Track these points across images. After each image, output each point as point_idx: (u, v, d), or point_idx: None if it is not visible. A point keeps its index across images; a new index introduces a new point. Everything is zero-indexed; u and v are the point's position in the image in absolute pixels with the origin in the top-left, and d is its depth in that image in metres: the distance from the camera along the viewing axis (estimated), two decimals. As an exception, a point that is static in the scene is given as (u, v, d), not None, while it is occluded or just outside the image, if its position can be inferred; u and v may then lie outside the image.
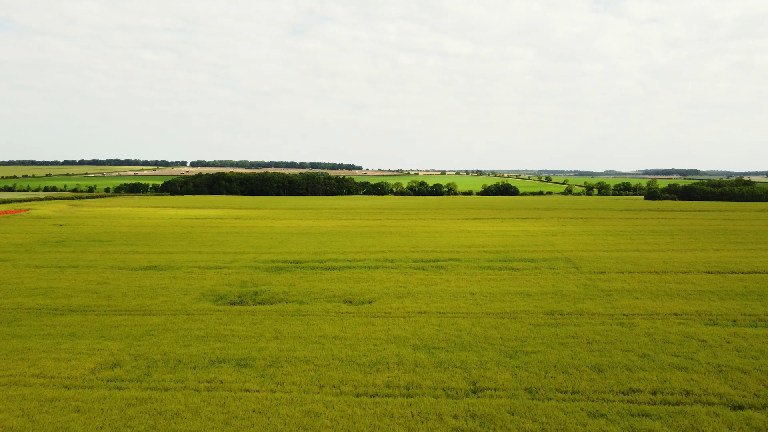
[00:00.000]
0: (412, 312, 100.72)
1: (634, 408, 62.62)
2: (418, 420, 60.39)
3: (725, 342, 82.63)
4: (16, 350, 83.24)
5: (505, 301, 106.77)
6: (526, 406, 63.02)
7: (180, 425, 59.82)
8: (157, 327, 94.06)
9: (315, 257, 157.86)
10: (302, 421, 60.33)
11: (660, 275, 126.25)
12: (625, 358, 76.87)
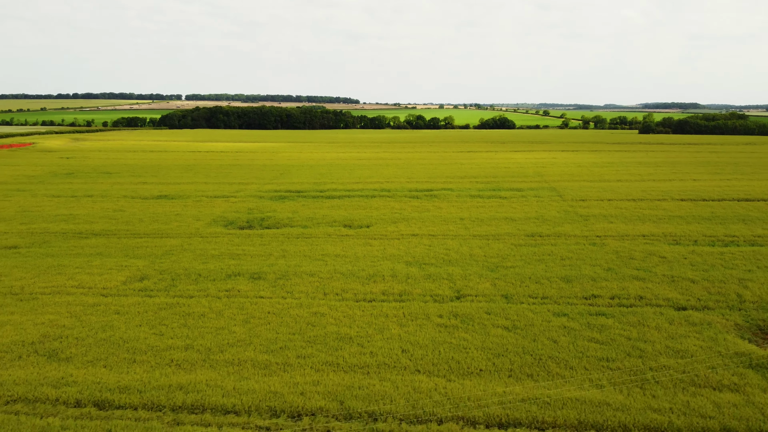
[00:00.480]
0: (405, 234, 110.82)
1: (593, 309, 73.51)
2: (409, 318, 71.22)
3: (683, 258, 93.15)
4: (53, 266, 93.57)
5: (491, 225, 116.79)
6: (501, 308, 73.84)
7: (207, 323, 70.64)
8: (176, 248, 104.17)
9: (315, 187, 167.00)
10: (310, 319, 71.13)
11: (636, 202, 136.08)
12: (591, 271, 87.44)
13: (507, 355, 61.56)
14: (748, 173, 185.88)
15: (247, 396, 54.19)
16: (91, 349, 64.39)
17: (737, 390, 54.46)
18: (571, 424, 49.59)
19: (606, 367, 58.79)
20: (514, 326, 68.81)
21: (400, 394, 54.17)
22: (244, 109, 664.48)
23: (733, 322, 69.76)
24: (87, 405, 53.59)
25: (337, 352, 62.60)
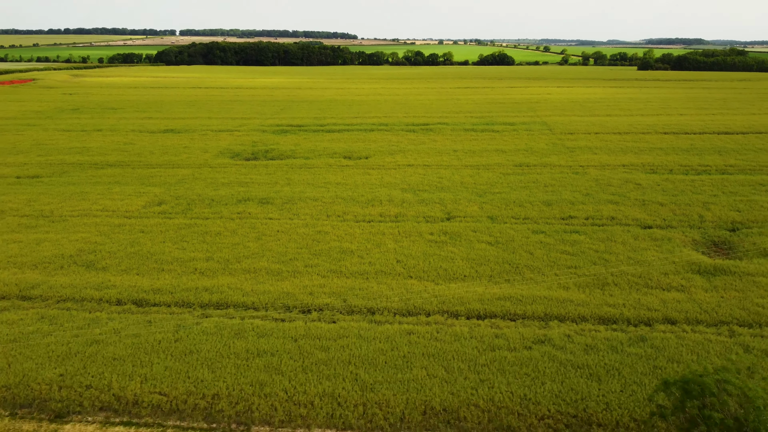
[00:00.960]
0: (402, 165, 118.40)
1: (568, 227, 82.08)
2: (403, 236, 79.84)
3: (656, 185, 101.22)
4: (76, 193, 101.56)
5: (483, 156, 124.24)
6: (486, 227, 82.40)
7: (223, 240, 79.27)
8: (187, 177, 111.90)
9: (316, 122, 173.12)
10: (315, 236, 79.73)
11: (621, 135, 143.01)
12: (571, 196, 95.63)
13: (488, 264, 70.47)
14: (733, 108, 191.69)
15: (264, 296, 63.27)
16: (123, 260, 73.22)
17: (683, 290, 63.60)
18: (538, 316, 58.86)
19: (573, 273, 67.78)
20: (497, 241, 77.53)
21: (395, 294, 63.27)
22: (241, 45, 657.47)
23: (691, 238, 78.52)
24: (127, 303, 62.72)
25: (340, 262, 71.46)
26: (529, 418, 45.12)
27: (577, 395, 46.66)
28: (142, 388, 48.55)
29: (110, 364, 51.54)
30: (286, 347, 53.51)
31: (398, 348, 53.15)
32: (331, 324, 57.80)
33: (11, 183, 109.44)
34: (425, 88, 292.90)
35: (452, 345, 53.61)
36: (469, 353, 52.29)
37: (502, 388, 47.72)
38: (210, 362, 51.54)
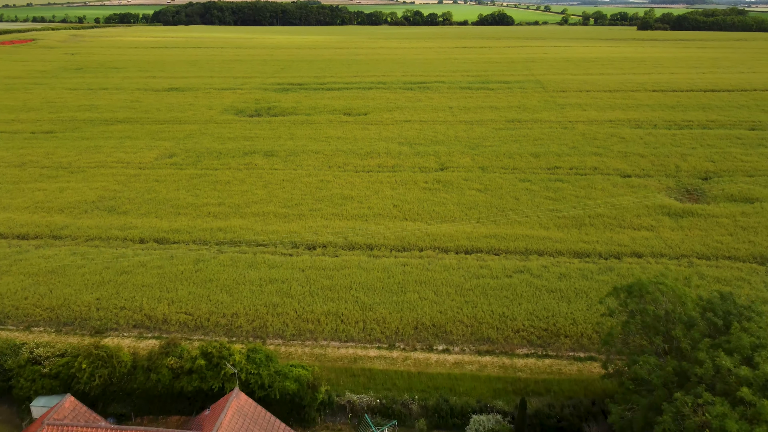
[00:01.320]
0: (399, 120, 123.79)
1: (553, 176, 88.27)
2: (400, 184, 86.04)
3: (639, 138, 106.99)
4: (90, 147, 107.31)
5: (477, 113, 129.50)
6: (476, 176, 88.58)
7: (233, 187, 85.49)
8: (195, 132, 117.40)
9: (316, 81, 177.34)
10: (319, 185, 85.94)
11: (612, 93, 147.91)
12: (558, 149, 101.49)
13: (477, 208, 76.91)
14: (723, 67, 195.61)
15: (272, 235, 69.86)
16: (141, 206, 79.57)
17: (652, 229, 70.21)
18: (520, 251, 65.55)
19: (554, 216, 74.27)
20: (486, 189, 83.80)
21: (391, 233, 69.85)
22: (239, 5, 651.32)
23: (666, 186, 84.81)
24: (149, 241, 69.31)
25: (341, 207, 77.86)
26: (506, 331, 52.17)
27: (549, 313, 53.67)
28: (170, 309, 55.48)
29: (140, 290, 58.41)
30: (294, 276, 60.33)
31: (394, 276, 59.99)
32: (334, 258, 64.55)
33: (27, 138, 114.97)
34: (423, 47, 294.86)
35: (442, 274, 60.44)
36: (456, 281, 59.14)
37: (484, 307, 54.69)
38: (228, 288, 58.40)
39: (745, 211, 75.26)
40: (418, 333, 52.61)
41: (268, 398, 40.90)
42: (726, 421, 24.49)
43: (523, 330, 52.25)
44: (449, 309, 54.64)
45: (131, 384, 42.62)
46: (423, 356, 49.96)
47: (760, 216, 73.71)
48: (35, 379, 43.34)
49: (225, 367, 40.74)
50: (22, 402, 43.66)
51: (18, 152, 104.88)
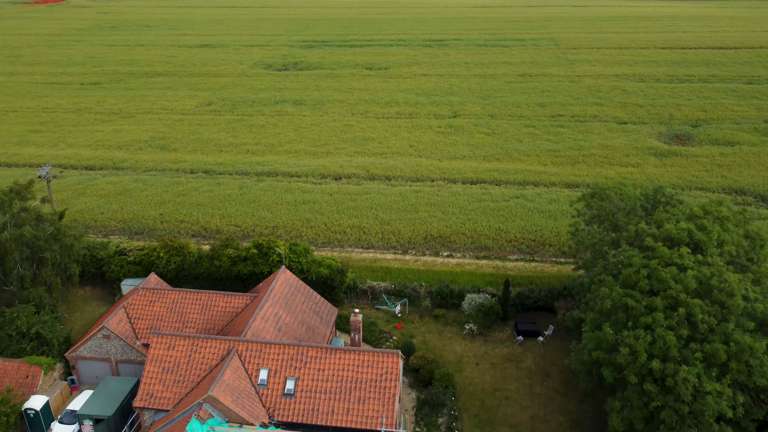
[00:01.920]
0: (417, 74, 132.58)
1: (556, 123, 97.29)
2: (416, 128, 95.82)
3: (640, 91, 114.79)
4: (136, 96, 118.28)
5: (490, 68, 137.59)
6: (485, 122, 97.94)
7: (267, 131, 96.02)
8: (229, 84, 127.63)
9: (339, 38, 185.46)
10: (343, 128, 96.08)
11: (621, 50, 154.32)
12: (563, 99, 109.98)
13: (484, 148, 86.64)
14: (736, 26, 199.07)
15: (303, 168, 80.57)
16: (188, 144, 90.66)
17: (637, 166, 79.48)
18: (518, 182, 75.49)
19: (552, 155, 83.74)
20: (493, 132, 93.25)
21: (407, 167, 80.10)
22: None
23: (658, 131, 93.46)
24: (198, 172, 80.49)
25: (363, 146, 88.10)
26: (500, 241, 62.59)
27: (537, 227, 63.91)
28: (221, 222, 66.76)
29: (195, 207, 69.75)
30: (324, 199, 71.15)
31: (408, 199, 70.51)
32: (357, 186, 75.16)
33: (77, 88, 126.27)
34: (443, 6, 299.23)
35: (449, 198, 70.78)
36: (461, 203, 69.47)
37: (483, 223, 65.08)
38: (268, 207, 69.46)
39: (725, 152, 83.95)
40: (427, 242, 63.24)
41: (306, 281, 51.90)
42: (633, 258, 34.58)
43: (514, 240, 62.62)
44: (454, 224, 65.11)
45: (198, 269, 53.98)
46: (430, 259, 60.74)
47: (737, 156, 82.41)
48: (122, 265, 54.93)
49: (273, 254, 51.84)
50: (112, 283, 55.38)
51: (72, 100, 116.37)
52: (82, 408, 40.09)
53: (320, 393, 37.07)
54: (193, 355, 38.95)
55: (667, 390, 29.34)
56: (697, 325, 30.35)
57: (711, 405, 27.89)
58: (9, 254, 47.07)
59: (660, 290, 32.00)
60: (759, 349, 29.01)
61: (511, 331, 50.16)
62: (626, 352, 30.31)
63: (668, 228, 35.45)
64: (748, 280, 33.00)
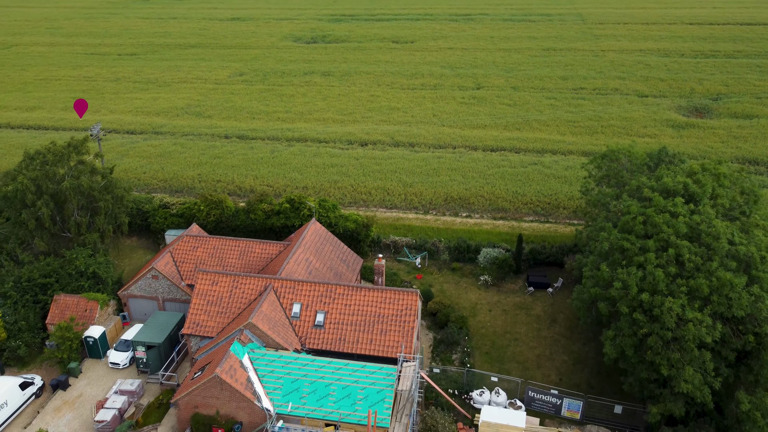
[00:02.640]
0: (443, 48, 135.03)
1: (577, 95, 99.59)
2: (440, 99, 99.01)
3: (663, 66, 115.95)
4: (171, 66, 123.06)
5: (515, 42, 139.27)
6: (508, 94, 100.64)
7: (296, 100, 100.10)
8: (259, 55, 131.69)
9: (366, 12, 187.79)
10: (369, 98, 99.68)
11: (648, 26, 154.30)
12: (585, 73, 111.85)
13: (505, 118, 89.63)
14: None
15: (331, 134, 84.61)
16: (222, 111, 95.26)
17: (654, 137, 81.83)
18: (536, 150, 78.59)
19: (571, 125, 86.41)
20: (515, 104, 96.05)
21: (430, 135, 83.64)
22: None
23: (677, 104, 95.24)
24: (232, 137, 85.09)
25: (389, 116, 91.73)
26: (517, 203, 66.13)
27: (552, 191, 67.25)
28: (255, 182, 71.35)
29: (230, 169, 74.43)
30: (350, 162, 75.24)
31: (430, 164, 74.23)
32: (382, 151, 79.05)
33: (115, 59, 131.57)
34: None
35: (469, 164, 74.32)
36: (480, 168, 72.98)
37: (501, 186, 68.60)
38: (298, 169, 73.82)
39: (742, 125, 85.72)
40: (447, 204, 67.06)
41: (334, 234, 56.19)
42: (631, 207, 38.02)
43: (530, 203, 66.10)
44: (473, 187, 68.77)
45: (235, 222, 58.66)
46: (450, 219, 64.62)
47: (754, 129, 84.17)
48: (166, 217, 59.87)
49: (304, 208, 56.22)
50: (157, 233, 60.43)
51: (111, 70, 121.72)
52: (136, 335, 45.21)
53: (347, 325, 41.51)
54: (233, 291, 43.66)
55: (653, 319, 32.97)
56: (684, 264, 33.82)
57: (691, 331, 31.47)
58: (68, 202, 52.13)
59: (653, 234, 35.47)
60: (739, 285, 32.38)
61: (523, 283, 53.99)
62: (619, 286, 33.98)
63: (666, 181, 38.75)
64: (736, 228, 36.25)
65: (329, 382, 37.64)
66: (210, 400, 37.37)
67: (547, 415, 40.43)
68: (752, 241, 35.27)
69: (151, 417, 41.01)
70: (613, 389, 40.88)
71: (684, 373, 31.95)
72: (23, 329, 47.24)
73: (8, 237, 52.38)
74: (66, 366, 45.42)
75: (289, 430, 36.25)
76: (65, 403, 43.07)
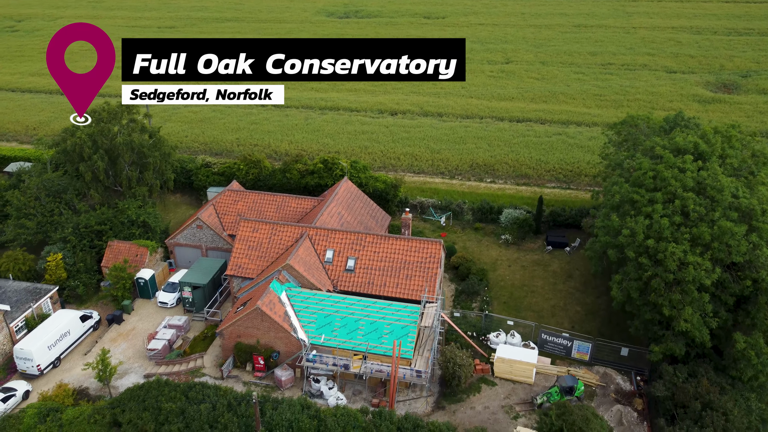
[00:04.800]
0: (473, 24, 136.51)
1: (604, 70, 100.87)
2: (469, 72, 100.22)
3: (695, 43, 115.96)
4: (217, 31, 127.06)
5: (546, 18, 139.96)
6: (536, 68, 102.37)
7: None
8: (294, 29, 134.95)
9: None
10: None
11: (682, 3, 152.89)
12: (615, 49, 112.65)
13: (533, 91, 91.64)
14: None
15: (363, 104, 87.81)
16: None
17: (675, 110, 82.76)
18: (562, 122, 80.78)
19: (597, 99, 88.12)
20: (543, 78, 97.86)
21: (458, 105, 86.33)
22: None
23: (706, 80, 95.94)
24: (268, 105, 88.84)
25: (418, 87, 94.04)
26: (540, 171, 68.76)
27: (575, 159, 69.64)
28: (289, 146, 75.17)
29: (266, 134, 78.35)
30: (380, 130, 78.51)
31: (457, 133, 77.09)
32: (411, 120, 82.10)
33: (155, 32, 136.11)
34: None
35: (495, 133, 76.96)
36: (506, 137, 75.59)
37: (525, 154, 71.22)
38: (331, 135, 77.38)
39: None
40: (473, 170, 70.01)
41: (364, 193, 59.75)
42: (643, 163, 40.62)
43: (553, 170, 68.66)
44: (498, 155, 71.53)
45: (272, 180, 62.58)
46: (475, 184, 67.62)
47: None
48: (208, 175, 64.10)
49: (337, 168, 59.82)
50: (199, 191, 64.78)
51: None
52: (183, 277, 49.59)
53: (375, 270, 45.18)
54: (272, 237, 47.63)
55: (657, 262, 35.76)
56: (689, 215, 36.44)
57: (691, 273, 34.20)
58: (120, 157, 56.54)
59: (662, 188, 38.10)
60: (738, 233, 34.91)
61: (542, 242, 56.95)
62: (627, 233, 36.78)
63: (677, 140, 41.20)
64: (741, 184, 38.68)
65: (358, 318, 41.42)
66: (251, 330, 41.51)
67: (558, 357, 43.65)
68: (755, 195, 37.69)
69: (197, 347, 45.42)
70: (622, 337, 43.80)
71: (684, 313, 34.80)
72: (81, 270, 52.01)
73: (67, 188, 57.04)
74: (120, 303, 50.10)
75: (321, 358, 40.19)
76: (120, 335, 47.77)
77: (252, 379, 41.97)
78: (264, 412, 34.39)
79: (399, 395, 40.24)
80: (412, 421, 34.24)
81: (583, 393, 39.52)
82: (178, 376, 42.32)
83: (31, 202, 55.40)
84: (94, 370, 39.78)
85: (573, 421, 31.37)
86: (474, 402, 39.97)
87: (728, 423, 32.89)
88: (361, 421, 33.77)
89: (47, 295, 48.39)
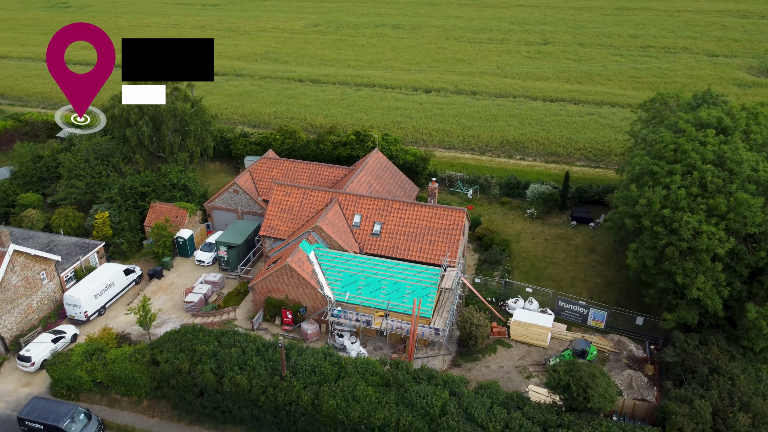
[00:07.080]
0: (513, 5, 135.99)
1: (644, 53, 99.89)
2: (505, 53, 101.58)
3: (741, 27, 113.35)
4: (250, 17, 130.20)
5: (588, 1, 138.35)
6: (574, 50, 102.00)
7: (367, 50, 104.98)
8: (333, 8, 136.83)
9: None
10: (436, 50, 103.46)
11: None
12: (656, 32, 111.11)
13: (568, 72, 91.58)
14: None
15: (398, 81, 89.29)
16: (298, 58, 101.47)
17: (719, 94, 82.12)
18: (596, 102, 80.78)
19: (634, 81, 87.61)
20: (580, 59, 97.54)
21: (492, 84, 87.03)
22: None
23: (748, 65, 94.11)
24: (305, 81, 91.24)
25: (454, 66, 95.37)
26: (570, 149, 69.31)
27: (605, 138, 69.93)
28: (324, 120, 77.32)
29: (303, 108, 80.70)
30: (414, 106, 79.99)
31: (489, 111, 78.02)
32: (445, 98, 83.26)
33: (200, 9, 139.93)
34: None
35: (528, 112, 77.61)
36: (538, 116, 76.18)
37: (556, 132, 71.80)
38: (365, 111, 79.23)
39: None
40: (503, 146, 71.01)
41: (395, 164, 61.56)
42: (664, 135, 41.31)
43: (583, 149, 69.14)
44: (529, 132, 72.29)
45: (306, 151, 64.91)
46: (504, 160, 68.68)
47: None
48: (245, 144, 66.83)
49: (368, 140, 61.75)
50: (237, 159, 67.63)
51: (196, 19, 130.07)
52: (220, 237, 52.46)
53: (400, 235, 47.10)
54: (304, 201, 49.98)
55: (672, 231, 36.65)
56: (706, 186, 37.15)
57: (705, 242, 35.03)
58: (164, 124, 59.64)
59: (681, 160, 38.83)
60: (755, 204, 35.51)
61: (566, 217, 57.92)
62: (644, 202, 37.69)
63: (701, 114, 41.71)
64: (762, 158, 39.09)
65: (381, 278, 43.50)
66: (281, 285, 44.02)
67: (574, 324, 44.94)
68: (776, 170, 38.13)
69: (230, 302, 48.26)
70: (639, 308, 44.74)
71: (697, 281, 35.73)
72: (126, 228, 55.41)
73: (114, 152, 60.52)
74: (161, 259, 53.34)
75: (345, 314, 42.47)
76: (160, 288, 51.00)
77: (280, 331, 44.57)
78: (289, 357, 36.84)
79: (418, 353, 42.27)
80: (427, 372, 36.19)
81: (596, 357, 40.86)
82: (212, 326, 45.21)
83: (81, 164, 58.99)
84: (136, 315, 42.92)
85: (580, 377, 32.82)
86: (489, 361, 41.74)
87: (734, 387, 33.86)
88: (379, 368, 35.90)
89: (94, 250, 51.86)
